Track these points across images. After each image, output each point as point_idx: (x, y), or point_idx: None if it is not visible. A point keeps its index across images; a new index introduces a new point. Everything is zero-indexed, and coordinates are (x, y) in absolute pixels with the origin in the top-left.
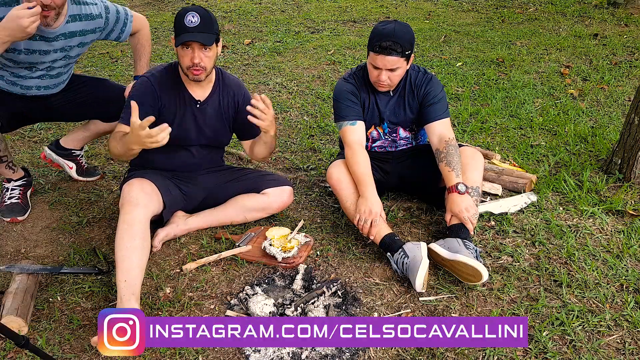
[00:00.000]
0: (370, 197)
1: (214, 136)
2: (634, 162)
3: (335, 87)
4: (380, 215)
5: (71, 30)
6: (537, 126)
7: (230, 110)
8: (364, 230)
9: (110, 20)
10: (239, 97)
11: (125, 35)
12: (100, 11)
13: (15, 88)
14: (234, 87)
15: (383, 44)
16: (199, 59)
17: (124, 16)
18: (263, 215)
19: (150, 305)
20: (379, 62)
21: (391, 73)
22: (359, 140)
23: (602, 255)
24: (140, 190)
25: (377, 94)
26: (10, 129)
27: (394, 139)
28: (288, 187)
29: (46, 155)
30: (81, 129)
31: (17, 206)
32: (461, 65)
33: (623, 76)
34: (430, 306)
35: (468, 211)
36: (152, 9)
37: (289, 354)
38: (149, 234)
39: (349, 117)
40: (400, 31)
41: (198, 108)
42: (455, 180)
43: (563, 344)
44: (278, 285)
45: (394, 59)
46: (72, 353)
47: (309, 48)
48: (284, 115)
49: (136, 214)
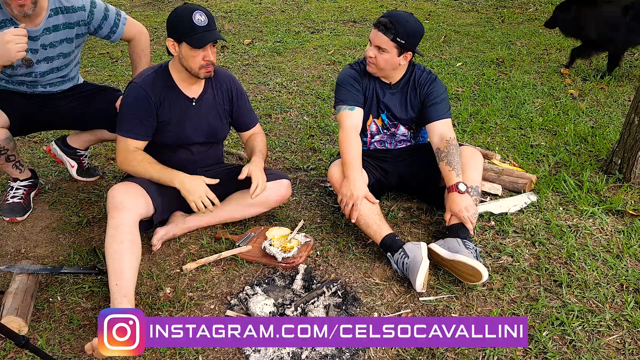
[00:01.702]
0: (354, 180)
1: (212, 131)
2: (634, 162)
3: (340, 72)
4: (365, 197)
5: (54, 24)
6: (537, 126)
7: (225, 103)
8: (346, 211)
9: (96, 15)
10: (233, 89)
11: (116, 36)
12: (84, 3)
13: (22, 87)
14: (226, 79)
15: (381, 20)
16: (213, 56)
17: (114, 16)
18: (262, 209)
19: (150, 305)
20: (371, 35)
21: (378, 52)
22: (354, 125)
23: (602, 255)
24: (124, 193)
25: (380, 85)
26: (19, 134)
27: (393, 133)
28: (286, 180)
29: (51, 149)
30: (88, 131)
31: (18, 206)
32: (461, 65)
33: (623, 76)
34: (430, 306)
35: (468, 210)
36: (152, 9)
37: (289, 354)
38: (139, 237)
39: (348, 101)
40: (404, 19)
41: (194, 106)
42: (455, 180)
43: (563, 344)
44: (278, 285)
45: (383, 38)
46: (72, 353)
47: (309, 48)
48: (284, 115)
49: (122, 217)
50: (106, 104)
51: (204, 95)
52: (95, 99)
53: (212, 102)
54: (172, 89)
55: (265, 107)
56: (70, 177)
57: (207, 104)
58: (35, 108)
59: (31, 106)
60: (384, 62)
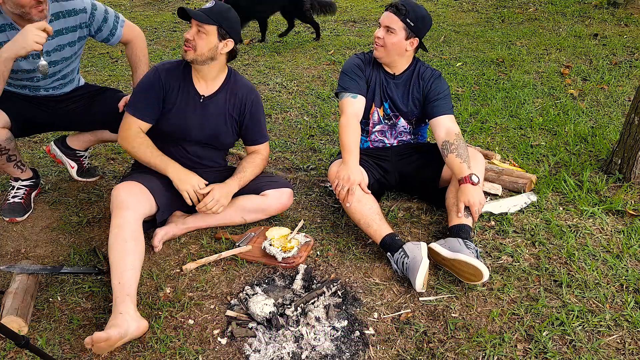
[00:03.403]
0: (352, 165)
1: (215, 135)
2: (634, 162)
3: (346, 61)
4: (360, 184)
5: (56, 29)
6: (537, 126)
7: (234, 112)
8: (341, 196)
9: (97, 18)
10: (247, 100)
11: (114, 39)
12: (85, 6)
13: (25, 90)
14: (243, 89)
15: (393, 2)
16: (191, 35)
17: (113, 18)
18: (262, 216)
19: (150, 305)
20: (382, 18)
21: (386, 34)
22: (356, 112)
23: (602, 255)
24: (128, 193)
25: (384, 74)
26: (21, 135)
27: (394, 124)
28: (288, 189)
29: (51, 150)
30: (88, 131)
31: (19, 206)
32: (461, 65)
33: (623, 76)
34: (430, 306)
35: (480, 203)
36: (152, 9)
37: (289, 354)
38: (142, 236)
39: (351, 89)
40: (415, 5)
41: (201, 102)
42: (467, 172)
43: (563, 344)
44: (278, 285)
45: (393, 18)
46: (72, 353)
47: (309, 48)
48: (284, 115)
49: (125, 216)
50: (108, 105)
51: (215, 96)
52: (97, 100)
53: (222, 106)
54: (186, 81)
55: (265, 107)
56: (70, 177)
57: (216, 106)
58: (37, 110)
59: (33, 108)
60: (391, 44)
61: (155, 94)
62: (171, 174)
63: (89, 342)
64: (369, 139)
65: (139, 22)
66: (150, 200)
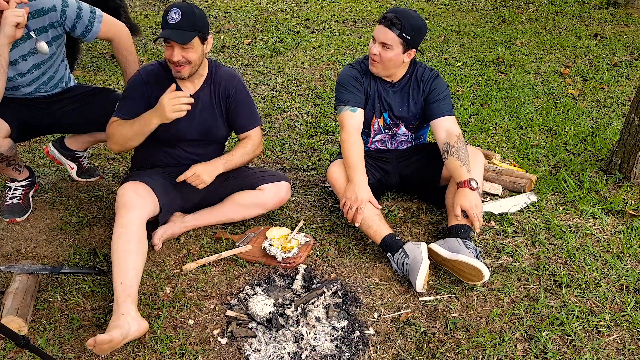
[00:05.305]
0: (359, 183)
1: (207, 130)
2: (634, 162)
3: (341, 72)
4: (369, 200)
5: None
6: (537, 126)
7: (222, 103)
8: (349, 216)
9: (69, 15)
10: (230, 88)
11: (91, 35)
12: (55, 3)
13: (17, 92)
14: (226, 78)
15: (386, 15)
16: (177, 56)
17: (88, 14)
18: (261, 211)
19: (150, 305)
20: (376, 32)
21: (382, 50)
22: (356, 126)
23: (602, 255)
24: (134, 193)
25: (382, 83)
26: (19, 140)
27: (394, 133)
28: (285, 182)
29: (49, 151)
30: (85, 133)
31: (18, 207)
32: (461, 65)
33: (623, 76)
34: (430, 306)
35: (477, 208)
36: (152, 9)
37: (289, 354)
38: (145, 237)
39: (349, 102)
40: (409, 15)
41: None
42: (466, 176)
43: (563, 344)
44: (278, 285)
45: (389, 34)
46: (72, 353)
47: (309, 48)
48: (284, 115)
49: (131, 217)
50: (105, 105)
51: (200, 92)
52: (93, 101)
53: (208, 101)
54: (170, 81)
55: (265, 107)
56: (70, 177)
57: (203, 101)
58: (32, 113)
59: (29, 112)
60: (388, 60)
61: (139, 97)
62: (154, 115)
63: (91, 344)
64: (369, 147)
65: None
66: (154, 201)
